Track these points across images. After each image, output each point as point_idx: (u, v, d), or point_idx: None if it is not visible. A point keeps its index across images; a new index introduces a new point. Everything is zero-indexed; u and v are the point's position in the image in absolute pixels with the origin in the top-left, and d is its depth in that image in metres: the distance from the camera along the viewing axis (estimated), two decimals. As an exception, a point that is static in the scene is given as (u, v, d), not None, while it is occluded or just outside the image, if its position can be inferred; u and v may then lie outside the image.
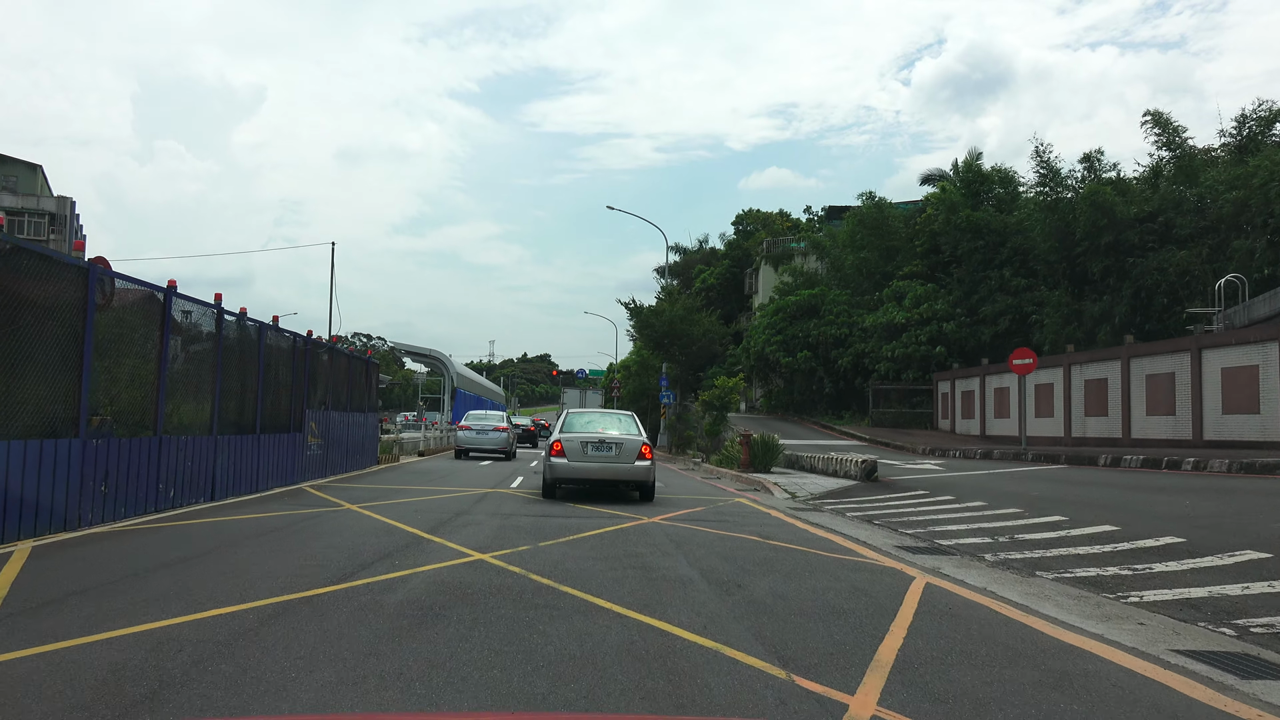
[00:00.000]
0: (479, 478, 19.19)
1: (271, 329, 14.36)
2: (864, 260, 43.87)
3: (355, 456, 19.98)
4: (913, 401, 38.17)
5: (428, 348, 46.82)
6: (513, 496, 14.71)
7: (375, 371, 22.40)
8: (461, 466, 23.63)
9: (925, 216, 42.31)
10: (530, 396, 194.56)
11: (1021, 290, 36.41)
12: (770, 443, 21.95)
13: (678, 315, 35.11)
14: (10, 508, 7.71)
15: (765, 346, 43.43)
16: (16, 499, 7.77)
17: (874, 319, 39.92)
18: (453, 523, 10.57)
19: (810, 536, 10.45)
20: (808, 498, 16.23)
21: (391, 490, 15.20)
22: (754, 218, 69.01)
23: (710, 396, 27.66)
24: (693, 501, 14.92)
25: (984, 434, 32.48)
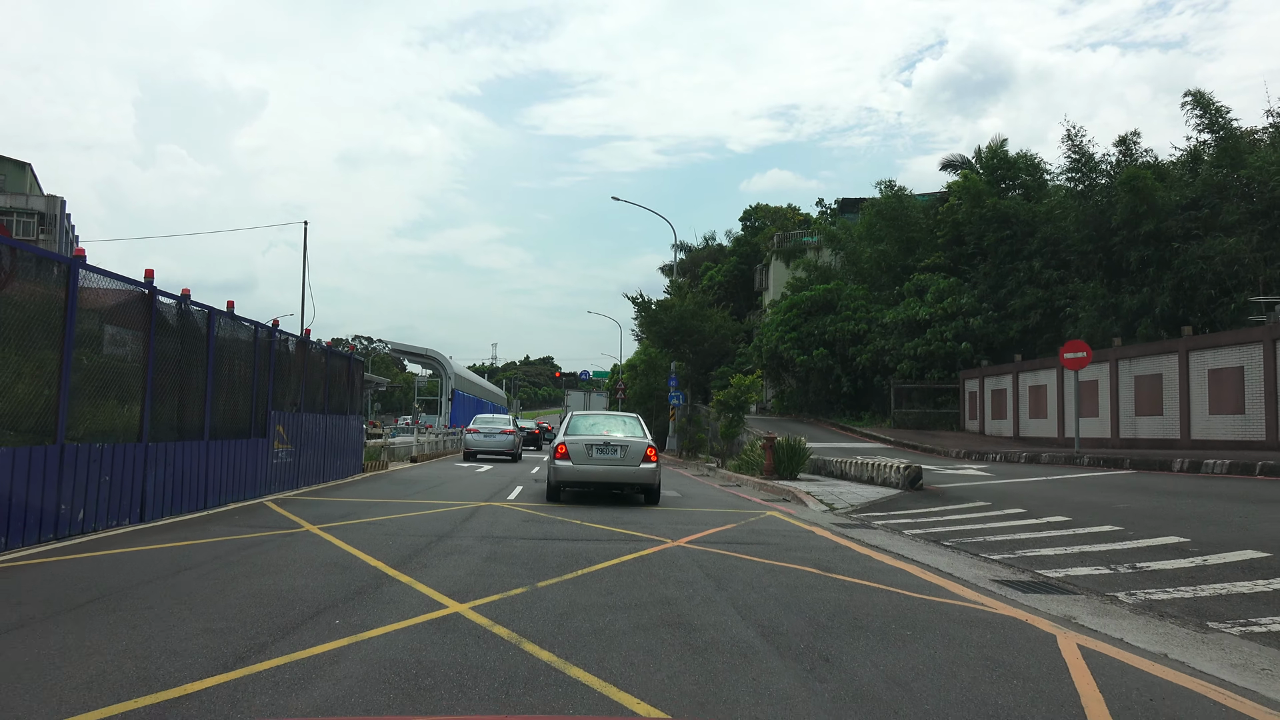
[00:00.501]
0: (473, 488, 17.07)
1: (225, 316, 12.26)
2: (882, 253, 41.71)
3: (334, 464, 17.87)
4: (937, 401, 36.01)
5: (424, 348, 44.71)
6: (509, 511, 12.59)
7: (360, 369, 20.31)
8: (455, 474, 21.53)
9: (947, 206, 40.15)
10: (533, 399, 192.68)
11: (1053, 283, 34.25)
12: (796, 446, 19.82)
13: (688, 310, 33.01)
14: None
15: (779, 344, 41.28)
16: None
17: (894, 314, 37.76)
18: (431, 550, 8.45)
19: (878, 567, 8.32)
20: (848, 510, 14.12)
21: (369, 505, 13.09)
22: (762, 213, 66.85)
23: (725, 396, 25.54)
24: (718, 516, 12.80)
25: (1018, 435, 30.32)
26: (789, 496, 16.43)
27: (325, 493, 15.10)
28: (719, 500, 16.08)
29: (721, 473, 23.94)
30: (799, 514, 13.62)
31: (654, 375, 44.00)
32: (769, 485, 18.36)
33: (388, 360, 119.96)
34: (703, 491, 18.27)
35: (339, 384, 18.34)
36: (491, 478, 20.34)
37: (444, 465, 25.81)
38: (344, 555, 8.03)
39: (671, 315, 33.16)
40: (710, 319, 34.16)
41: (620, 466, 13.81)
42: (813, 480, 19.37)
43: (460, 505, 13.31)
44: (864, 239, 43.97)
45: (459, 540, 9.28)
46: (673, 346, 34.87)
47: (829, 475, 20.72)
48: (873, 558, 8.96)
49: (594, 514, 12.59)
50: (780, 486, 17.65)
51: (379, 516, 11.49)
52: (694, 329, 33.19)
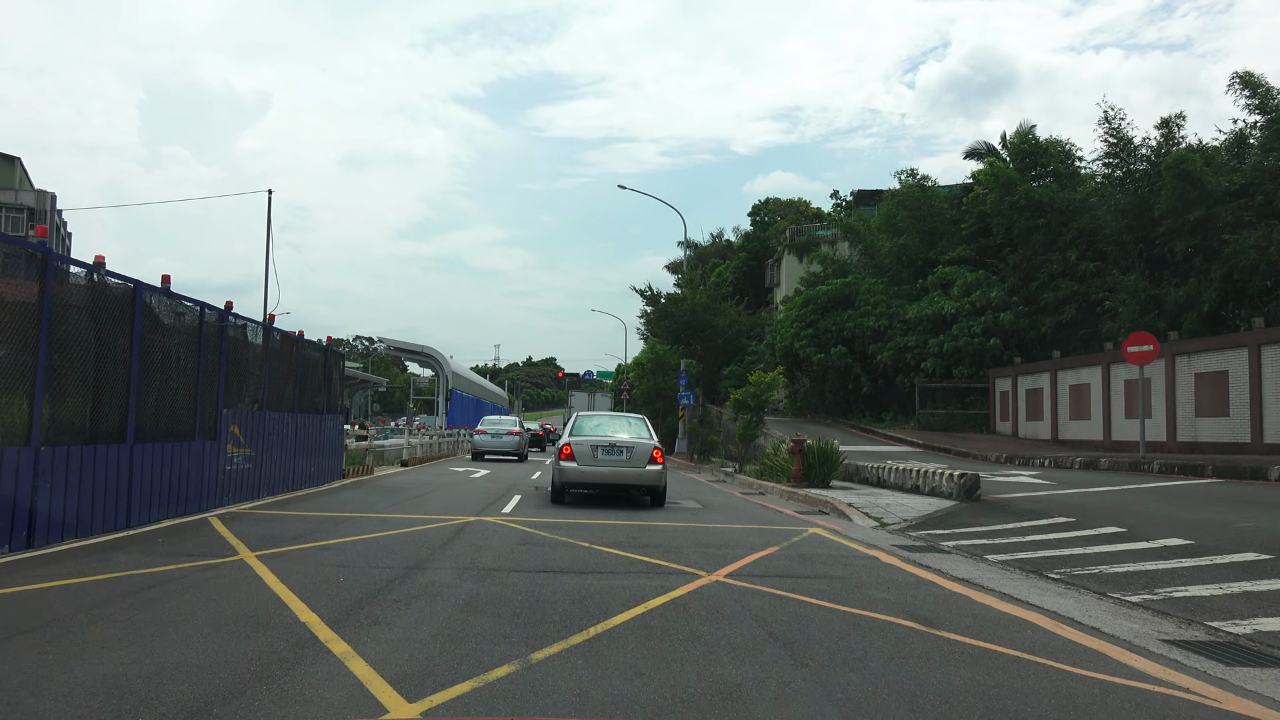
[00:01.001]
0: (464, 497, 14.92)
1: (158, 293, 10.13)
2: (902, 246, 39.53)
3: (307, 470, 15.74)
4: (965, 401, 33.82)
5: (421, 345, 42.52)
6: (502, 530, 10.45)
7: (339, 363, 18.18)
8: (448, 480, 19.40)
9: (972, 196, 37.96)
10: (535, 400, 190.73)
11: (1089, 275, 32.06)
12: (829, 451, 17.67)
13: (700, 304, 30.87)
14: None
15: (794, 341, 39.09)
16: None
17: (917, 310, 35.57)
18: (391, 593, 6.31)
19: (992, 616, 6.17)
20: (903, 526, 11.97)
21: (335, 521, 10.94)
22: (773, 208, 64.69)
23: (744, 395, 23.39)
24: (753, 535, 10.65)
25: (1056, 438, 28.13)
26: (826, 508, 14.28)
27: (290, 504, 12.96)
28: (747, 512, 13.93)
29: (741, 479, 21.79)
30: (847, 531, 11.48)
31: (662, 374, 41.87)
32: (799, 494, 16.21)
33: (387, 360, 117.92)
34: (725, 501, 16.12)
35: (313, 379, 16.21)
36: (487, 485, 18.20)
37: (437, 469, 23.67)
38: (268, 602, 5.89)
39: (683, 309, 31.03)
40: (724, 313, 31.99)
41: (626, 468, 13.60)
42: (848, 489, 17.21)
43: (445, 521, 11.17)
44: (883, 231, 41.81)
45: (433, 574, 7.14)
46: (683, 343, 32.70)
47: (864, 483, 18.56)
48: (974, 599, 6.81)
49: (604, 530, 10.45)
50: (814, 496, 15.49)
51: (341, 538, 9.35)
52: (707, 324, 31.04)
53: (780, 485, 18.02)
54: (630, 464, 13.65)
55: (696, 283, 32.95)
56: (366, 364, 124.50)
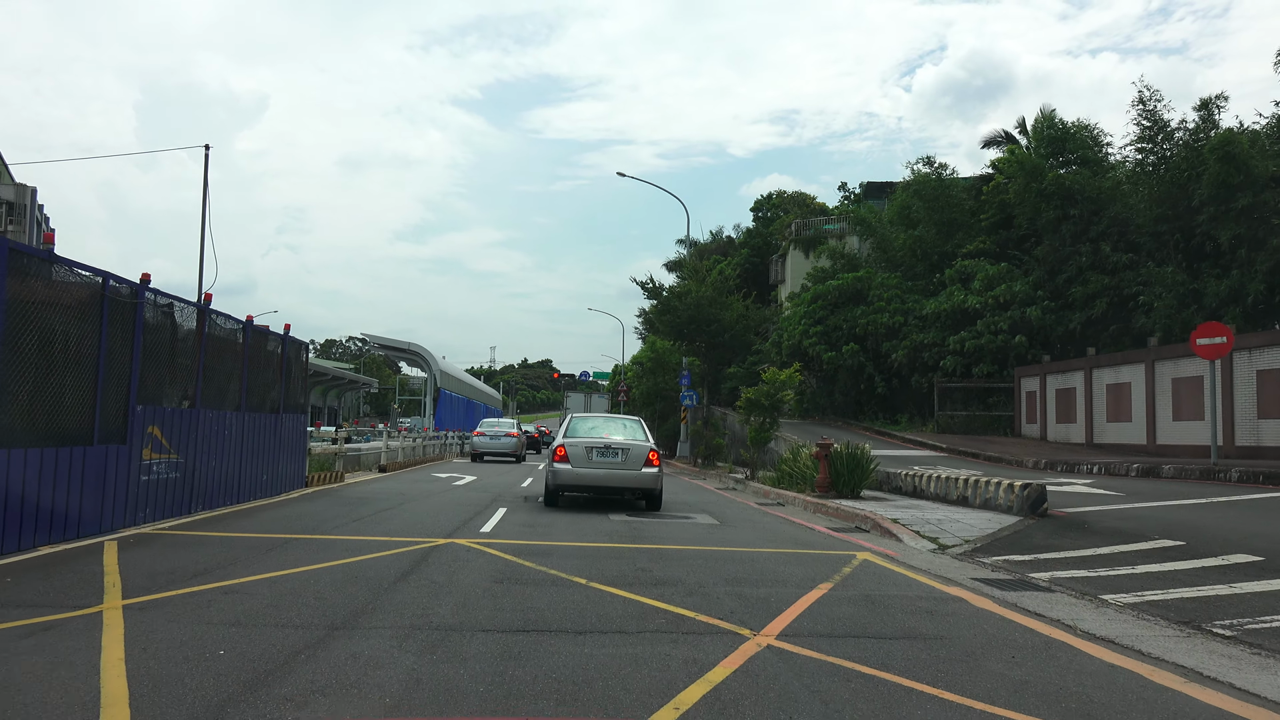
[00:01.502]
0: (438, 511, 12.72)
1: (35, 257, 7.92)
2: (918, 238, 37.38)
3: (257, 478, 13.53)
4: (987, 402, 31.67)
5: (407, 342, 40.25)
6: (476, 559, 8.25)
7: (301, 354, 15.95)
8: (426, 488, 17.20)
9: (993, 185, 35.85)
10: (531, 403, 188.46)
11: (1121, 268, 29.95)
12: (859, 457, 15.50)
13: (705, 297, 28.69)
14: None
15: (803, 339, 36.90)
16: None
17: (935, 305, 33.42)
18: (283, 682, 4.11)
19: (1194, 713, 3.99)
20: (968, 549, 9.82)
21: (267, 547, 8.73)
22: (775, 203, 62.52)
23: (756, 394, 21.20)
24: (790, 563, 8.46)
25: (1091, 441, 25.98)
26: (865, 524, 12.10)
27: (223, 522, 10.74)
28: (773, 530, 11.75)
29: (754, 486, 19.61)
30: (904, 556, 9.33)
31: (663, 374, 39.71)
32: (828, 507, 14.02)
33: (380, 362, 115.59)
34: (743, 514, 13.94)
35: (266, 372, 14.00)
36: (469, 494, 15.99)
37: (417, 476, 21.46)
38: (71, 711, 3.68)
39: (687, 303, 28.83)
40: (731, 307, 29.84)
41: (621, 470, 13.40)
42: (882, 499, 15.04)
43: (408, 545, 8.97)
44: (896, 223, 39.69)
45: (361, 641, 4.94)
46: (687, 339, 30.52)
47: (897, 492, 16.39)
48: (1147, 678, 4.64)
49: (606, 558, 8.26)
50: (846, 509, 13.31)
51: (260, 573, 7.14)
52: (712, 318, 28.85)
53: (803, 495, 15.83)
54: (625, 466, 13.40)
55: (702, 274, 30.74)
56: (359, 365, 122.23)
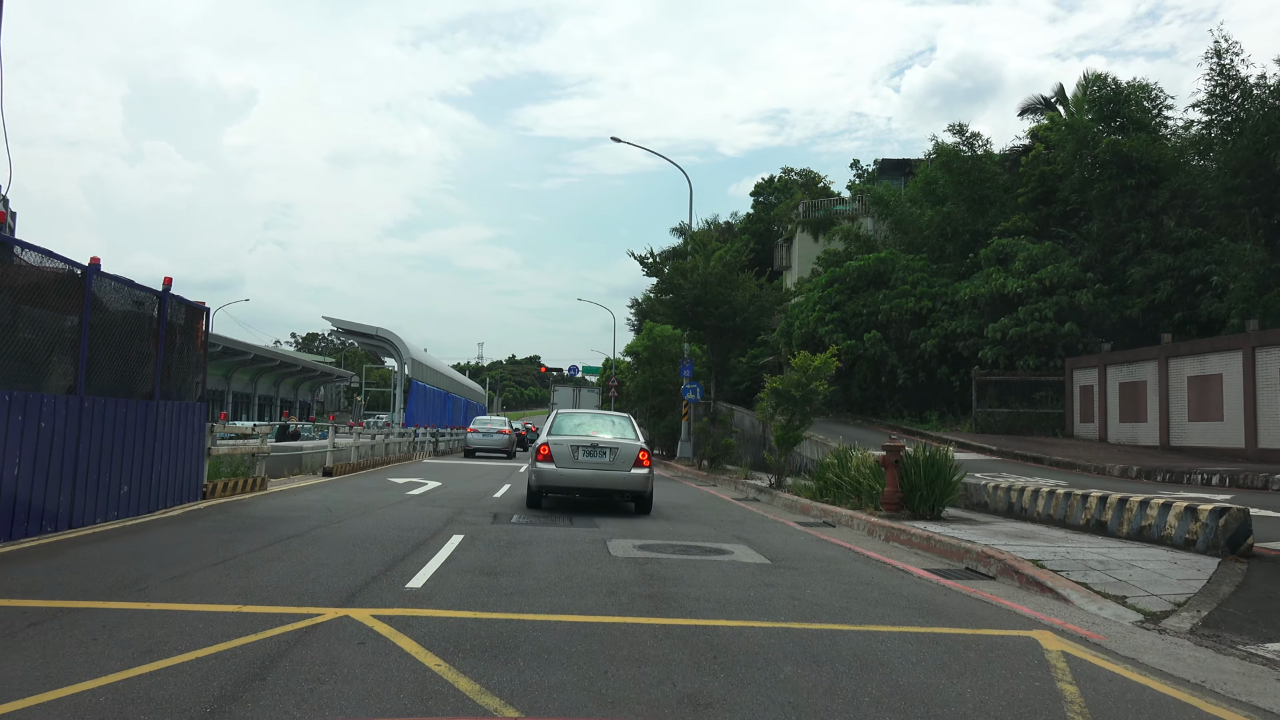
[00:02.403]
0: (362, 542, 8.74)
1: None
2: (946, 216, 33.60)
3: (114, 490, 9.58)
4: (1032, 398, 27.88)
5: (375, 327, 36.05)
6: (369, 665, 4.26)
7: (197, 321, 11.93)
8: (368, 501, 13.26)
9: (1034, 155, 32.10)
10: (518, 399, 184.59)
11: (1187, 245, 26.23)
12: (942, 465, 11.65)
13: (715, 274, 24.81)
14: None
15: (817, 327, 33.03)
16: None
17: (971, 289, 29.60)
18: None
19: None
20: (1193, 620, 6.04)
21: (42, 619, 4.75)
22: (778, 186, 58.62)
23: (784, 384, 17.31)
24: (949, 674, 4.48)
25: (1167, 444, 22.22)
26: (987, 566, 8.23)
27: (15, 563, 6.78)
28: (855, 578, 7.86)
29: (783, 498, 15.74)
30: (1111, 640, 5.51)
31: (661, 365, 35.77)
32: (907, 533, 10.16)
33: (361, 355, 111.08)
34: (792, 543, 10.05)
35: (132, 344, 10.02)
36: (421, 510, 12.02)
37: (368, 481, 17.50)
38: None
39: (692, 280, 24.92)
40: (743, 286, 25.96)
41: (609, 471, 12.59)
42: (973, 522, 11.18)
43: (255, 631, 5.03)
44: (920, 201, 35.92)
45: None
46: (693, 323, 26.56)
47: (985, 510, 12.56)
48: None
49: (615, 674, 4.31)
50: (941, 540, 9.43)
51: None
52: (722, 298, 24.94)
53: (861, 514, 11.96)
54: (614, 467, 12.56)
55: (711, 247, 26.78)
56: (340, 359, 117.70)
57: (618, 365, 59.12)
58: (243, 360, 50.37)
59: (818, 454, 21.23)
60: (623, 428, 13.56)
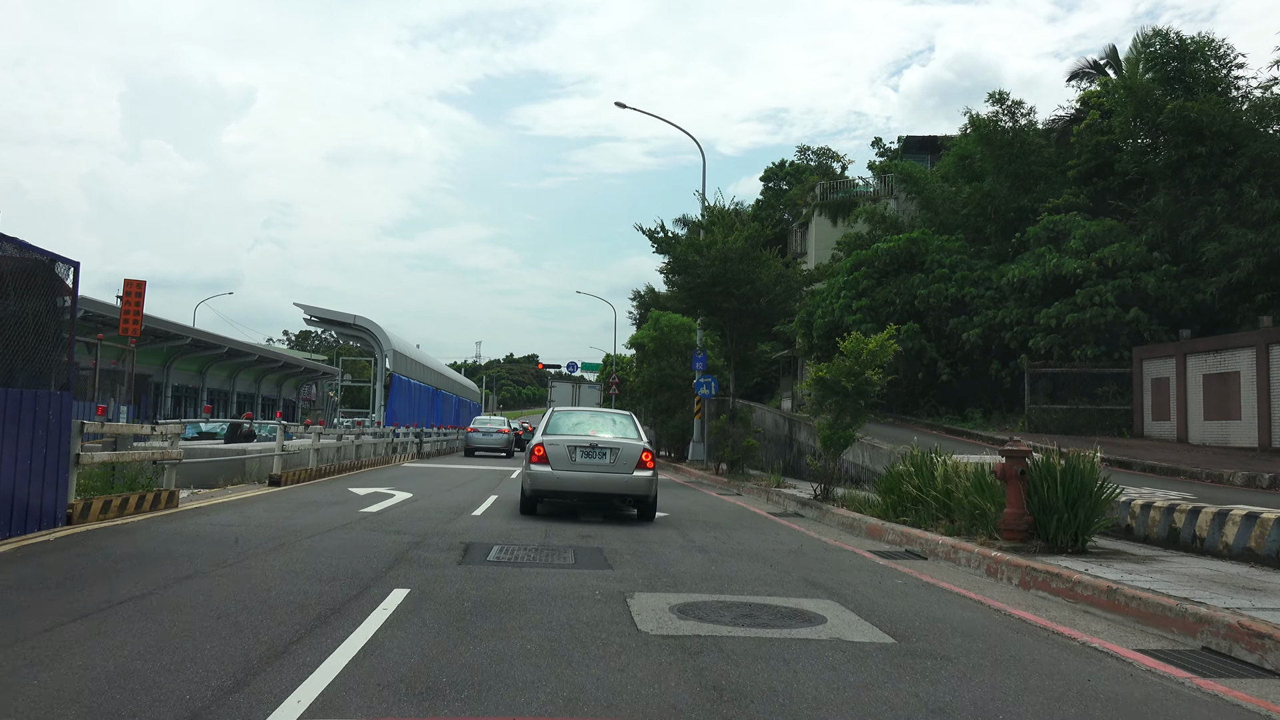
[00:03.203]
0: (259, 600, 5.45)
1: None
2: (985, 193, 30.35)
3: None
4: (1094, 393, 24.64)
5: (351, 315, 32.71)
6: None
7: (56, 281, 8.68)
8: (300, 527, 10.03)
9: (1086, 124, 28.89)
10: (516, 399, 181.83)
11: (1271, 218, 23.03)
12: (1086, 476, 8.43)
13: (736, 250, 21.57)
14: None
15: (843, 316, 29.79)
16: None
17: (1020, 271, 26.35)
18: None
19: None
20: None
21: None
22: (789, 171, 55.46)
23: (834, 372, 14.09)
24: None
25: (1268, 445, 19.00)
26: (1256, 648, 5.00)
27: None
28: (1031, 662, 4.60)
29: (837, 514, 12.53)
30: None
31: (669, 357, 32.59)
32: (1058, 577, 7.00)
33: (356, 352, 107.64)
34: (895, 595, 6.81)
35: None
36: (369, 540, 8.77)
37: (323, 493, 14.26)
38: None
39: (710, 257, 21.68)
40: (768, 264, 22.74)
41: (609, 474, 11.43)
42: (1138, 559, 7.99)
43: None
44: (953, 177, 32.75)
45: None
46: (709, 306, 23.27)
47: (1142, 541, 9.34)
48: None
49: None
50: (1130, 595, 6.22)
51: None
52: (744, 277, 21.68)
53: (969, 544, 8.77)
54: (614, 469, 11.46)
55: (729, 221, 23.49)
56: (333, 356, 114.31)
57: (619, 361, 55.95)
58: (216, 355, 47.06)
59: (865, 458, 18.00)
60: (624, 427, 12.58)
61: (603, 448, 11.53)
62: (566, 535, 9.91)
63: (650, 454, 11.78)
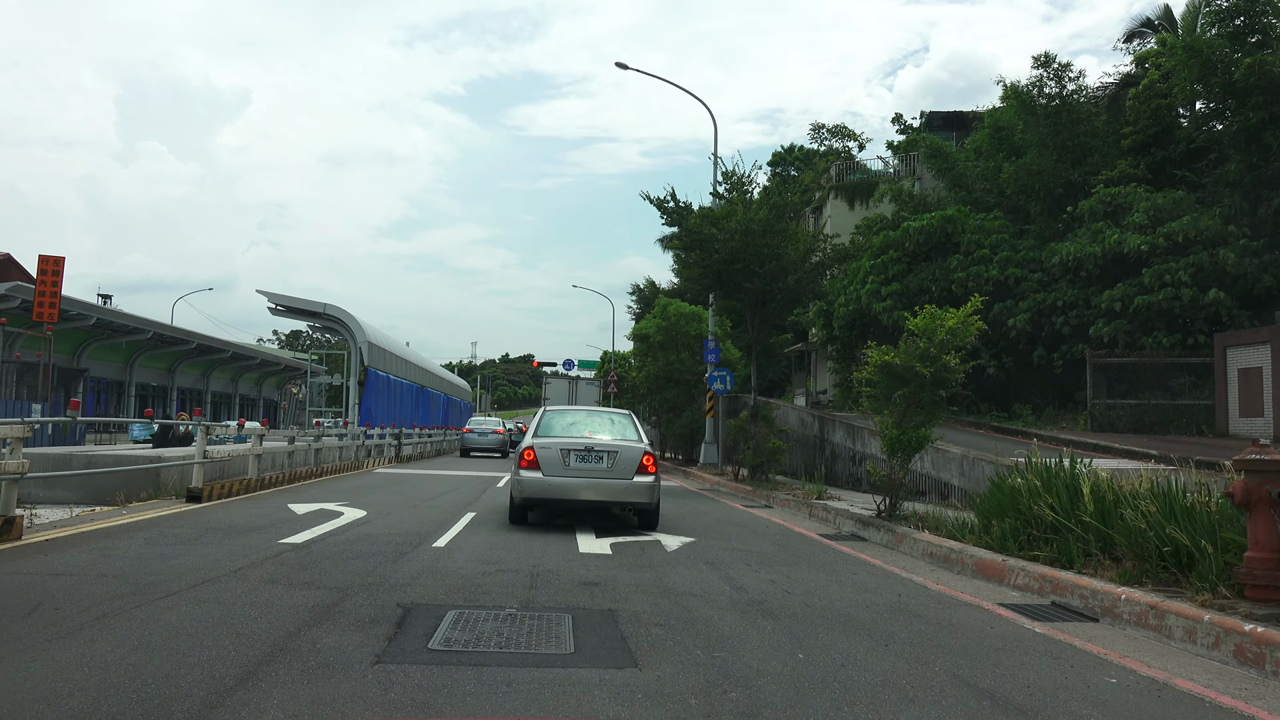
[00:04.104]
0: None
1: None
2: (1028, 168, 27.29)
3: None
4: (1169, 386, 21.62)
5: (321, 303, 29.41)
6: None
7: None
8: (171, 572, 6.94)
9: (1145, 86, 25.89)
10: (511, 399, 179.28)
11: (1371, 185, 20.12)
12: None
13: (760, 222, 18.46)
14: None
15: (871, 303, 26.76)
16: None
17: (1074, 249, 23.30)
18: None
19: None
20: None
21: None
22: (798, 156, 52.40)
23: (904, 356, 11.05)
24: None
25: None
26: None
27: None
28: None
29: (921, 540, 9.47)
30: None
31: (677, 350, 29.53)
32: None
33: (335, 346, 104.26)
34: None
35: None
36: (248, 614, 5.62)
37: (244, 514, 11.15)
38: None
39: (730, 229, 18.58)
40: (798, 239, 19.70)
41: (607, 479, 10.37)
42: None
43: None
44: (990, 153, 29.73)
45: None
46: (727, 287, 20.12)
47: None
48: None
49: None
50: None
51: None
52: (769, 253, 18.57)
53: (1181, 606, 5.74)
54: (613, 474, 10.39)
55: (750, 189, 20.35)
56: (323, 355, 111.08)
57: (617, 358, 52.82)
58: (185, 351, 43.87)
59: (928, 463, 14.89)
60: (623, 427, 11.73)
61: (599, 451, 10.49)
62: (561, 581, 6.85)
63: (652, 457, 10.77)
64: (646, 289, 60.29)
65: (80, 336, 34.66)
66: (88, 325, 32.34)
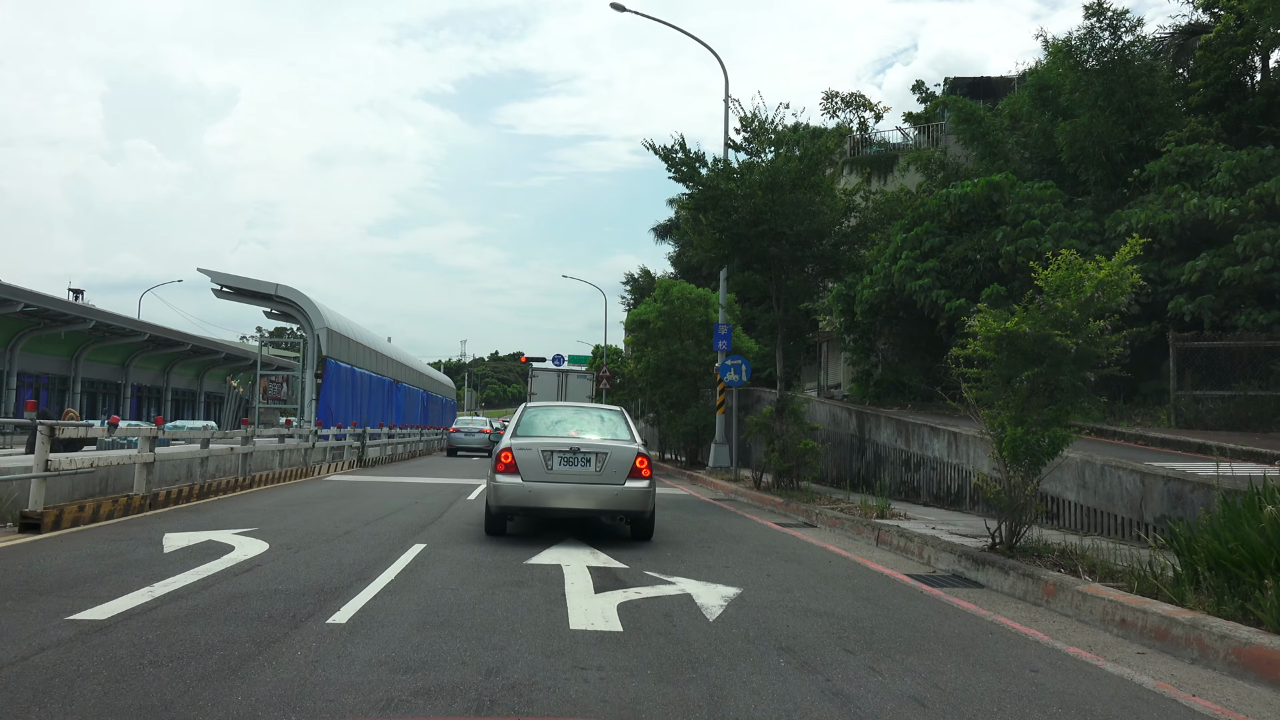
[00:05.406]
0: None
1: None
2: (1090, 130, 23.90)
3: None
4: (1267, 372, 18.40)
5: (271, 284, 25.64)
6: None
7: None
8: None
9: (1216, 33, 22.64)
10: (501, 397, 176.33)
11: None
12: None
13: (790, 173, 15.03)
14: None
15: (905, 280, 23.42)
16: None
17: (1145, 216, 20.04)
18: None
19: None
20: None
21: None
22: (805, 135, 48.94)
23: (1034, 324, 7.76)
24: None
25: None
26: None
27: None
28: None
29: (1088, 596, 6.10)
30: None
31: (681, 338, 26.17)
32: None
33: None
34: None
35: None
36: None
37: (80, 551, 7.75)
38: None
39: (751, 183, 15.17)
40: (833, 197, 16.36)
41: (595, 485, 9.21)
42: None
43: None
44: (1032, 115, 26.47)
45: None
46: (749, 255, 16.61)
47: None
48: None
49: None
50: None
51: None
52: (803, 209, 15.16)
53: None
54: (601, 478, 9.23)
55: (772, 138, 16.94)
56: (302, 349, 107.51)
57: (610, 353, 49.40)
58: (137, 344, 40.19)
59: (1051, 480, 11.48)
60: (613, 425, 10.49)
61: (586, 452, 9.36)
62: (538, 710, 3.50)
63: (646, 459, 9.70)
64: (641, 279, 57.05)
65: (11, 326, 31.12)
66: (15, 312, 28.83)
